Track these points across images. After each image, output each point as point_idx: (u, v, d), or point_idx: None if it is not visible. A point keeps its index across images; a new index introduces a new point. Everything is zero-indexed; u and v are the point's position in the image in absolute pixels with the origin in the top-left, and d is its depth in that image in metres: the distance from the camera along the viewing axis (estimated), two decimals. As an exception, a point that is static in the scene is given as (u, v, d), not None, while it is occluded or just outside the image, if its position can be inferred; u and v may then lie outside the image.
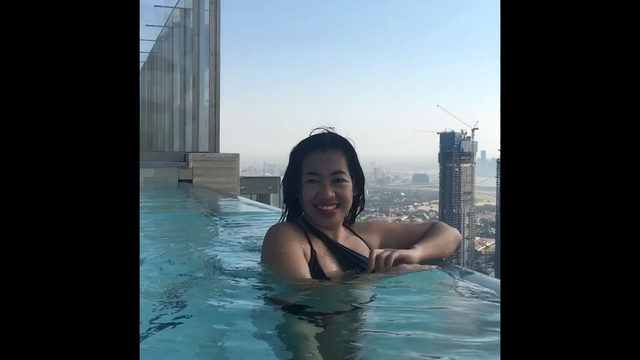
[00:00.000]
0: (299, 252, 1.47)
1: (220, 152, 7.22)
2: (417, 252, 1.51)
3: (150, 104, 13.88)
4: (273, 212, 3.58)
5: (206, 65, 7.43)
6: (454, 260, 1.69)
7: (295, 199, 1.60)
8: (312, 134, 1.59)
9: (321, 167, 1.51)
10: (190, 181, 6.70)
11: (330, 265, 1.51)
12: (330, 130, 1.58)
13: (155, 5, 10.40)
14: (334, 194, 1.50)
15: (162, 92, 11.71)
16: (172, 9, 10.17)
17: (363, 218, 1.72)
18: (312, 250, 1.51)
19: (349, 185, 1.53)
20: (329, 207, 1.51)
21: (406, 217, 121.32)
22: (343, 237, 1.60)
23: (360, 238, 1.64)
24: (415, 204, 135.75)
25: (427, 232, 1.65)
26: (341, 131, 1.58)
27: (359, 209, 1.67)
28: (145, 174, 6.55)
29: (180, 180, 6.71)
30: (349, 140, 1.58)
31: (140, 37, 12.30)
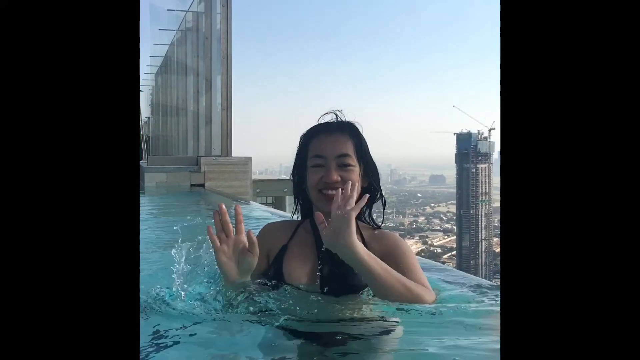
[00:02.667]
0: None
1: (233, 155, 7.17)
2: (360, 245, 1.29)
3: (164, 107, 13.96)
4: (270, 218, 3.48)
5: (219, 69, 7.39)
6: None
7: (304, 190, 1.53)
8: (321, 118, 1.53)
9: (326, 150, 1.45)
10: (202, 185, 6.65)
11: (299, 265, 1.44)
12: (337, 113, 1.52)
13: (167, 9, 10.43)
14: (339, 178, 1.42)
15: (177, 96, 11.74)
16: (185, 12, 10.17)
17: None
18: (284, 247, 1.48)
19: (355, 170, 1.45)
20: (333, 192, 1.41)
21: (423, 217, 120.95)
22: None
23: (365, 245, 1.50)
24: (432, 205, 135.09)
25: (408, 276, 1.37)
26: (348, 115, 1.52)
27: (379, 206, 1.56)
28: (156, 178, 6.53)
29: (192, 185, 6.66)
30: (357, 125, 1.51)
31: (154, 42, 12.46)
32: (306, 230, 1.52)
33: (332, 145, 1.45)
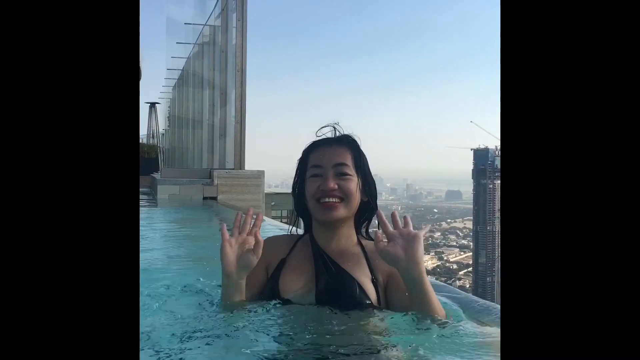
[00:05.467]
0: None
1: (246, 168, 7.17)
2: (422, 269, 1.31)
3: (180, 120, 14.07)
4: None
5: (234, 82, 7.42)
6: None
7: (304, 204, 1.53)
8: (319, 131, 1.55)
9: (324, 160, 1.47)
10: (215, 198, 6.64)
11: (295, 277, 1.45)
12: (335, 126, 1.55)
13: (185, 23, 10.54)
14: (336, 186, 1.43)
15: (193, 109, 11.83)
16: (202, 26, 10.27)
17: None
18: (282, 260, 1.48)
19: (353, 179, 1.45)
20: (331, 200, 1.43)
21: (439, 233, 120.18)
22: (344, 246, 1.49)
23: (366, 258, 1.47)
24: (449, 220, 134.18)
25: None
26: (346, 128, 1.55)
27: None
28: (169, 191, 6.54)
29: (204, 198, 6.65)
30: (355, 137, 1.53)
31: (172, 55, 12.58)
32: (305, 244, 1.52)
33: (329, 155, 1.47)
